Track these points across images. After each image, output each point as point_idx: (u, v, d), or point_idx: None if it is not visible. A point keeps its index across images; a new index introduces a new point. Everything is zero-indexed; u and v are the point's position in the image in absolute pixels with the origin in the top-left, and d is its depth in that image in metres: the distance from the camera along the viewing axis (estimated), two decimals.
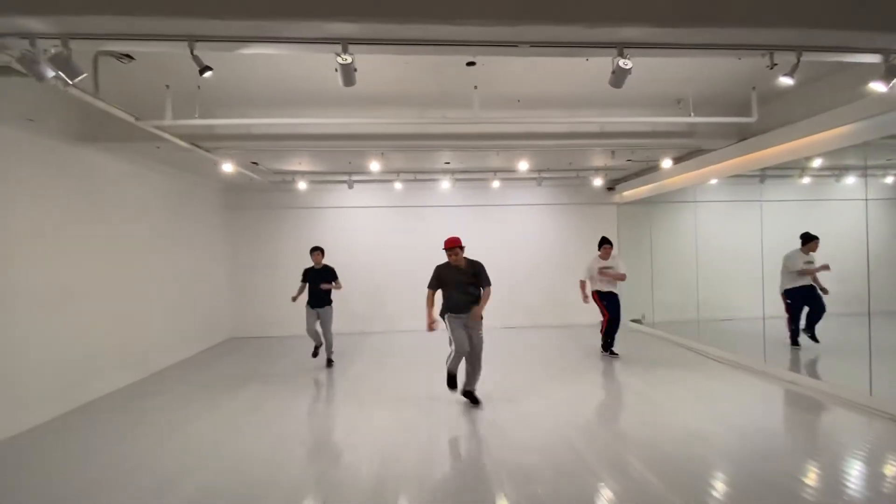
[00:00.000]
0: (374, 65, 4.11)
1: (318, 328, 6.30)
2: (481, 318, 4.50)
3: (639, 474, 3.16)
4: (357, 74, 3.03)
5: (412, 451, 3.63)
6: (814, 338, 5.94)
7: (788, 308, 6.03)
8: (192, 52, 2.81)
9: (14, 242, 4.34)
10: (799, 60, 3.17)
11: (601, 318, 6.64)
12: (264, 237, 8.96)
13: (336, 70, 2.89)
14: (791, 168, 6.12)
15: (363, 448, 3.73)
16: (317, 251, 6.28)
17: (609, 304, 6.50)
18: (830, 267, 5.82)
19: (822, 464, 3.33)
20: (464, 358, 4.53)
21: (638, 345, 7.34)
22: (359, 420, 4.37)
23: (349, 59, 2.81)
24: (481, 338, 4.55)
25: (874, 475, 3.18)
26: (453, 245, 4.41)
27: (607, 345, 6.61)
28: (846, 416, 4.16)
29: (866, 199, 4.45)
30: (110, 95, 4.15)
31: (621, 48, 3.01)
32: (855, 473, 3.16)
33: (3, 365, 4.15)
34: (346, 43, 2.86)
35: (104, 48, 2.92)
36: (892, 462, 3.31)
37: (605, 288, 6.51)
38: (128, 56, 3.89)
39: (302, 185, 8.00)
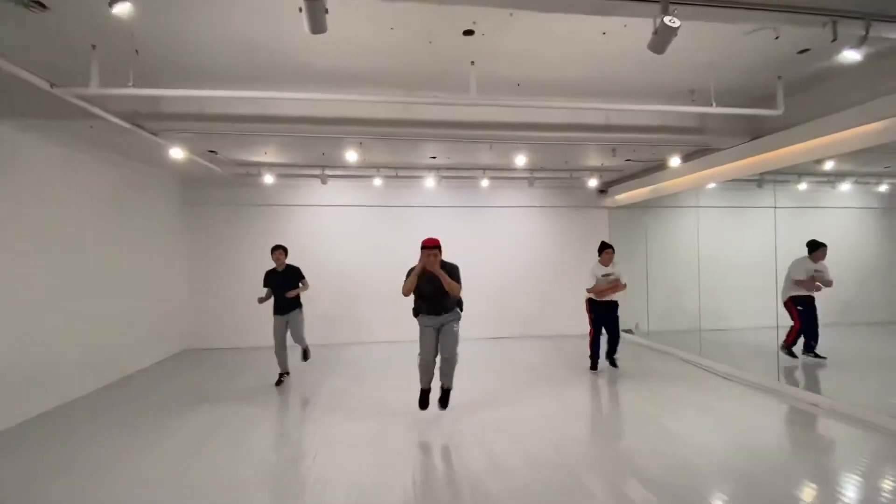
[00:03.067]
0: (353, 31, 3.42)
1: (289, 338, 5.57)
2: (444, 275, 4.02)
3: (642, 497, 2.73)
4: (333, 44, 2.33)
5: (396, 495, 2.95)
6: (815, 354, 5.63)
7: (797, 315, 5.66)
8: None
9: None
10: (867, 32, 2.66)
11: (589, 330, 6.08)
12: (227, 237, 8.06)
13: (300, 10, 2.18)
14: (810, 174, 5.74)
15: (338, 487, 3.03)
16: (278, 250, 5.52)
17: (604, 315, 5.92)
18: (832, 281, 5.54)
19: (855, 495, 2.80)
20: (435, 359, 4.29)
21: (632, 357, 6.79)
22: (332, 450, 3.65)
23: None
24: (455, 333, 4.28)
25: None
26: (433, 244, 4.04)
27: (608, 354, 6.05)
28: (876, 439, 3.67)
29: None
30: (25, 59, 3.34)
31: (666, 3, 2.41)
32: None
33: None
34: None
35: None
36: None
37: (601, 297, 5.92)
38: (38, 3, 3.08)
39: (269, 178, 7.19)
